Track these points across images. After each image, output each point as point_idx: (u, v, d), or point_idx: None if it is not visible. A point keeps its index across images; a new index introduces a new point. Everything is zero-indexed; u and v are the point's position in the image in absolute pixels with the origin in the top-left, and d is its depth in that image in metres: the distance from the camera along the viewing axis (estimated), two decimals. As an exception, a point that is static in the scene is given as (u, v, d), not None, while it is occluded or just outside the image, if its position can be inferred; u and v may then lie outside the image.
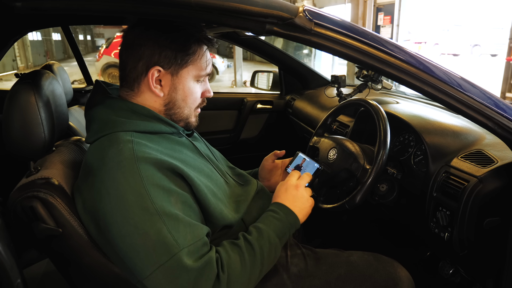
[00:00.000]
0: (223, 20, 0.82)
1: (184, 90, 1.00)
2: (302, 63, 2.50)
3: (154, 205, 0.82)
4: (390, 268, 1.13)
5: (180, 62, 0.96)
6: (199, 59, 0.99)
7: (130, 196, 0.83)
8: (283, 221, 1.00)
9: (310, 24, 0.85)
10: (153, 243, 0.81)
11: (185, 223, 0.85)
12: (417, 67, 0.92)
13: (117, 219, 0.83)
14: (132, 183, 0.83)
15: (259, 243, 0.93)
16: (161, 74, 0.96)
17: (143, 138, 0.92)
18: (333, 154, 1.35)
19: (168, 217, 0.83)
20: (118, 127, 0.93)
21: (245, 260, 0.90)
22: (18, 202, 0.90)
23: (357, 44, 0.88)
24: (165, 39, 0.94)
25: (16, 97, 0.91)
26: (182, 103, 1.01)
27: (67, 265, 0.98)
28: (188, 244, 0.83)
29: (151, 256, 0.81)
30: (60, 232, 0.90)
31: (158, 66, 0.95)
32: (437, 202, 1.18)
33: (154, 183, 0.84)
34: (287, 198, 1.05)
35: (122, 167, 0.85)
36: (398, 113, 1.44)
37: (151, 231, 0.81)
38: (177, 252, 0.81)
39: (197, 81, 1.02)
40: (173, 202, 0.85)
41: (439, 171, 1.20)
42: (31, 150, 0.94)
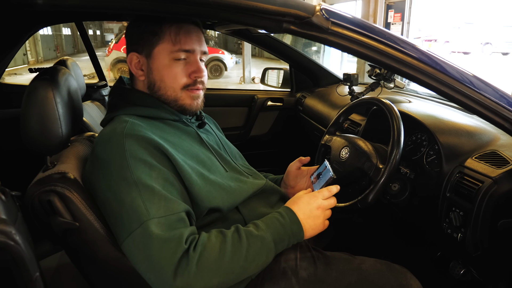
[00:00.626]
0: (241, 18, 0.82)
1: (159, 70, 1.03)
2: (313, 61, 2.50)
3: (133, 176, 0.87)
4: (402, 280, 1.10)
5: (148, 42, 1.02)
6: (167, 36, 1.01)
7: (113, 167, 0.90)
8: (286, 227, 0.96)
9: (327, 23, 0.86)
10: (127, 210, 0.86)
11: (161, 196, 0.87)
12: (433, 66, 0.91)
13: (101, 186, 0.91)
14: (117, 154, 0.90)
15: (249, 239, 0.90)
16: (141, 60, 1.04)
17: (143, 121, 0.99)
18: (346, 153, 1.35)
19: (144, 188, 0.87)
20: (121, 110, 1.03)
21: (225, 250, 0.87)
22: (36, 196, 0.92)
23: (374, 43, 0.88)
24: (133, 26, 1.04)
25: (34, 93, 0.92)
26: (161, 83, 1.04)
27: (83, 259, 1.00)
28: (159, 215, 0.85)
29: (125, 222, 0.86)
30: (77, 226, 0.92)
31: (134, 52, 1.04)
32: (451, 202, 1.17)
33: (137, 157, 0.90)
34: (304, 210, 1.00)
35: (111, 141, 0.93)
36: (411, 112, 1.43)
37: (127, 199, 0.86)
38: (146, 220, 0.84)
39: (172, 60, 1.02)
40: (154, 177, 0.89)
41: (453, 172, 1.19)
42: (48, 145, 0.96)
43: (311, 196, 1.03)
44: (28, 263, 0.72)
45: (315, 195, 1.03)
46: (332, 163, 1.40)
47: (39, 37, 17.25)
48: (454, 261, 1.41)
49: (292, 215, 0.98)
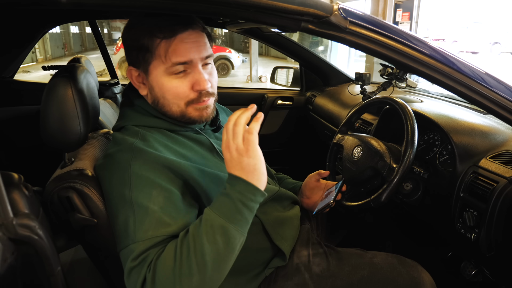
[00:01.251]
0: (259, 17, 0.83)
1: (159, 87, 0.96)
2: (324, 60, 2.49)
3: (131, 193, 0.85)
4: (414, 273, 1.12)
5: (142, 59, 0.95)
6: (158, 52, 0.92)
7: (114, 180, 0.89)
8: (226, 194, 0.82)
9: (345, 23, 0.86)
10: (120, 227, 0.86)
11: (153, 218, 0.83)
12: (450, 66, 0.92)
13: (106, 197, 0.92)
14: (120, 169, 0.88)
15: (195, 231, 0.80)
16: (140, 74, 0.98)
17: (154, 133, 0.97)
18: (358, 152, 1.35)
19: (139, 208, 0.84)
20: (131, 120, 1.00)
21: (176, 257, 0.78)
22: (55, 193, 0.93)
23: (392, 42, 0.89)
24: (128, 39, 0.96)
25: (54, 90, 0.94)
26: (164, 100, 0.97)
27: (100, 254, 1.01)
28: (143, 238, 0.81)
29: (119, 238, 0.87)
30: (95, 222, 0.93)
31: (131, 66, 0.99)
32: (464, 202, 1.17)
33: (139, 174, 0.87)
34: (227, 166, 0.85)
35: (118, 153, 0.92)
36: (424, 111, 1.43)
37: (121, 216, 0.86)
38: (129, 244, 0.83)
39: (170, 75, 0.94)
40: (153, 195, 0.85)
41: (467, 172, 1.19)
42: (67, 142, 0.97)
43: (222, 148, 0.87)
44: (51, 257, 0.73)
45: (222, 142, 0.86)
46: (344, 162, 1.40)
47: (48, 35, 17.36)
48: (465, 261, 1.40)
49: (228, 179, 0.84)
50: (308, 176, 1.34)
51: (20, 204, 0.72)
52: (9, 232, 0.66)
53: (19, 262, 0.69)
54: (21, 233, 0.67)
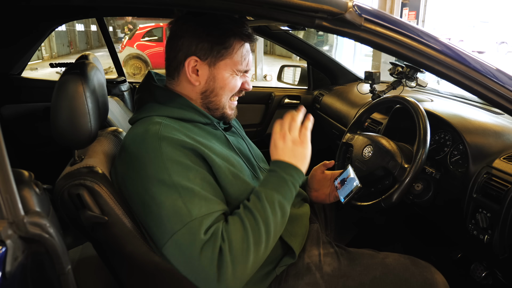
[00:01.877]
0: (273, 14, 0.82)
1: (222, 80, 1.03)
2: (332, 58, 2.48)
3: (171, 178, 0.87)
4: (427, 274, 1.10)
5: (216, 54, 1.01)
6: (234, 53, 1.02)
7: (149, 169, 0.89)
8: (280, 175, 0.95)
9: (360, 20, 0.85)
10: (168, 212, 0.86)
11: (201, 196, 0.88)
12: (466, 64, 0.90)
13: (138, 189, 0.90)
14: (153, 157, 0.89)
15: (256, 206, 0.91)
16: (198, 64, 1.02)
17: (175, 123, 0.98)
18: (369, 151, 1.34)
19: (184, 190, 0.87)
20: (154, 111, 1.01)
21: (245, 226, 0.87)
22: (65, 190, 0.92)
23: (407, 40, 0.87)
24: (202, 32, 0.99)
25: (64, 87, 0.93)
26: (220, 91, 1.04)
27: (109, 252, 1.00)
28: (201, 214, 0.85)
29: (166, 225, 0.86)
30: (106, 220, 0.92)
31: (195, 57, 1.01)
32: (477, 203, 1.15)
33: (173, 159, 0.89)
34: (278, 153, 0.98)
35: (145, 143, 0.92)
36: (436, 111, 1.41)
37: (167, 202, 0.86)
38: (189, 221, 0.84)
39: (234, 73, 1.04)
40: (191, 178, 0.89)
41: (480, 172, 1.17)
42: (77, 139, 0.96)
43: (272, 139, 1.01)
44: (62, 255, 0.72)
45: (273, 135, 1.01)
46: (354, 161, 1.39)
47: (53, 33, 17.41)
48: (475, 263, 1.39)
49: (278, 163, 0.97)
50: (313, 169, 1.33)
51: (31, 202, 0.71)
52: (20, 231, 0.65)
53: (29, 260, 0.69)
54: (32, 231, 0.66)
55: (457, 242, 1.50)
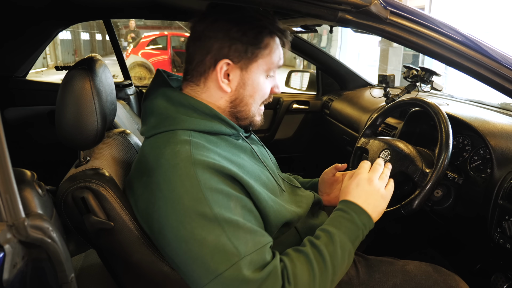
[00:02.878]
0: (295, 6, 0.77)
1: (253, 86, 0.92)
2: (342, 63, 2.43)
3: (212, 211, 0.76)
4: (452, 282, 1.04)
5: (250, 55, 0.89)
6: (271, 52, 0.92)
7: (186, 201, 0.77)
8: (355, 222, 0.87)
9: (385, 13, 0.80)
10: (211, 250, 0.75)
11: (246, 230, 0.78)
12: (500, 62, 0.85)
13: (173, 224, 0.78)
14: (189, 186, 0.78)
15: (328, 249, 0.82)
16: (229, 68, 0.89)
17: (202, 138, 0.87)
18: (386, 156, 1.28)
19: (227, 223, 0.76)
20: (178, 124, 0.88)
21: (314, 269, 0.79)
22: (69, 193, 0.87)
23: (435, 35, 0.82)
24: (236, 31, 0.87)
25: (71, 83, 0.88)
26: (250, 99, 0.93)
27: (115, 260, 0.94)
28: (249, 252, 0.76)
29: (209, 264, 0.75)
30: (112, 226, 0.86)
31: (227, 59, 0.88)
32: (503, 210, 1.09)
33: (212, 187, 0.78)
34: (359, 195, 0.91)
35: (178, 170, 0.79)
36: (456, 114, 1.36)
37: (209, 238, 0.75)
38: (237, 261, 0.74)
39: (266, 76, 0.94)
40: (232, 207, 0.79)
41: (506, 177, 1.11)
42: (83, 139, 0.91)
43: (354, 177, 0.96)
44: (65, 263, 0.67)
45: (358, 173, 0.96)
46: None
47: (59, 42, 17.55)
48: (496, 274, 1.32)
49: (354, 207, 0.90)
50: (324, 172, 1.23)
51: (33, 204, 0.65)
52: (20, 234, 0.60)
53: (29, 267, 0.63)
54: (33, 235, 0.61)
55: (477, 252, 1.44)
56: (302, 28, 1.61)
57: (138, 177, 0.88)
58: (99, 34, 22.53)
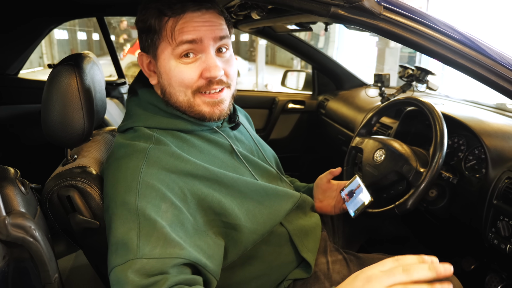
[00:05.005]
0: (287, 1, 0.75)
1: (166, 73, 0.87)
2: (337, 63, 2.42)
3: (136, 202, 0.74)
4: None
5: (150, 43, 0.87)
6: (165, 32, 0.84)
7: (120, 186, 0.78)
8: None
9: (379, 8, 0.78)
10: (117, 240, 0.73)
11: (161, 235, 0.73)
12: (495, 60, 0.83)
13: (106, 204, 0.81)
14: (129, 174, 0.78)
15: None
16: (151, 61, 0.90)
17: (167, 135, 0.86)
18: (380, 155, 1.26)
19: (145, 220, 0.73)
20: (145, 122, 0.89)
21: None
22: (55, 191, 0.85)
23: (430, 31, 0.80)
24: (139, 21, 0.88)
25: (57, 79, 0.86)
26: (170, 88, 0.87)
27: (102, 260, 0.92)
28: (150, 256, 0.70)
29: (112, 253, 0.73)
30: (98, 225, 0.84)
31: (143, 52, 0.91)
32: (498, 210, 1.08)
33: (150, 183, 0.76)
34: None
35: (129, 158, 0.81)
36: (451, 113, 1.34)
37: (121, 228, 0.73)
38: (131, 259, 0.70)
39: (178, 59, 0.85)
40: (162, 209, 0.75)
41: (500, 177, 1.10)
42: (69, 136, 0.89)
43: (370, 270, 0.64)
44: (48, 263, 0.65)
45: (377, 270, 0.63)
46: (365, 166, 1.32)
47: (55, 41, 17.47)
48: (491, 274, 1.31)
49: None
50: (318, 178, 1.21)
51: (14, 202, 0.64)
52: (0, 233, 0.58)
53: (11, 267, 0.62)
54: (14, 234, 0.59)
55: (471, 252, 1.42)
56: (297, 26, 1.60)
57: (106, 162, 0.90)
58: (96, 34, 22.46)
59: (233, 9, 1.55)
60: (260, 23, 1.72)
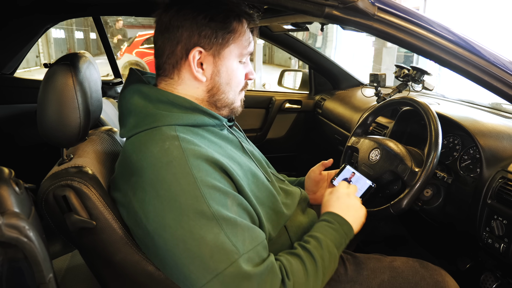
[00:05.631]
0: (281, 1, 0.76)
1: (227, 73, 0.90)
2: (334, 63, 2.43)
3: (210, 208, 0.75)
4: (438, 277, 1.04)
5: (221, 41, 0.87)
6: (241, 36, 0.90)
7: (183, 199, 0.76)
8: (338, 230, 0.93)
9: (373, 9, 0.78)
10: (210, 249, 0.74)
11: (243, 227, 0.79)
12: (487, 60, 0.84)
13: (170, 223, 0.76)
14: (185, 184, 0.76)
15: (319, 252, 0.87)
16: (202, 56, 0.87)
17: (188, 132, 0.84)
18: (376, 155, 1.27)
19: (225, 221, 0.76)
20: (160, 121, 0.85)
21: (307, 270, 0.83)
22: (50, 191, 0.85)
23: (424, 32, 0.81)
24: (203, 17, 0.85)
25: (53, 79, 0.86)
26: (227, 87, 0.92)
27: (98, 260, 0.92)
28: (247, 249, 0.77)
29: (208, 263, 0.74)
30: (94, 225, 0.84)
31: (199, 47, 0.86)
32: (492, 210, 1.09)
33: (209, 184, 0.77)
34: (340, 207, 0.98)
35: (172, 167, 0.77)
36: (446, 113, 1.35)
37: (208, 236, 0.75)
38: (237, 259, 0.74)
39: (239, 62, 0.92)
40: (229, 205, 0.79)
41: (495, 177, 1.11)
42: (65, 136, 0.89)
43: (334, 192, 1.03)
44: (42, 263, 0.65)
45: (338, 189, 1.04)
46: (360, 166, 1.32)
47: (52, 40, 17.42)
48: (486, 273, 1.32)
49: (337, 217, 0.96)
50: (311, 170, 1.24)
51: (8, 202, 0.63)
52: (-6, 233, 0.58)
53: (5, 268, 0.62)
54: (8, 234, 0.59)
55: (467, 251, 1.43)
56: (292, 26, 1.60)
57: (125, 179, 0.85)
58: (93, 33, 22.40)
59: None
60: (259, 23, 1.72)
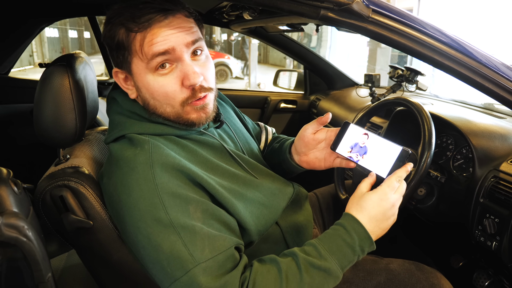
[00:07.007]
0: (277, 3, 0.77)
1: (145, 87, 0.83)
2: (329, 63, 2.44)
3: (168, 216, 0.75)
4: (433, 279, 1.05)
5: (122, 59, 0.83)
6: (136, 47, 0.80)
7: (142, 205, 0.76)
8: (354, 247, 0.80)
9: (367, 11, 0.80)
10: (167, 256, 0.74)
11: (203, 235, 0.76)
12: (479, 61, 0.85)
13: (130, 229, 0.78)
14: (145, 190, 0.76)
15: (310, 272, 0.77)
16: (127, 76, 0.86)
17: (160, 139, 0.84)
18: (370, 154, 1.28)
19: (183, 229, 0.75)
20: (133, 129, 0.86)
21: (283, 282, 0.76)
22: (47, 191, 0.86)
23: (417, 34, 0.82)
24: (106, 37, 0.84)
25: (49, 80, 0.86)
26: (155, 101, 0.84)
27: (95, 260, 0.93)
28: (205, 259, 0.74)
29: (166, 270, 0.74)
30: (91, 225, 0.85)
31: (117, 68, 0.87)
32: (484, 208, 1.10)
33: (170, 192, 0.77)
34: (375, 216, 0.82)
35: (135, 173, 0.78)
36: (440, 113, 1.37)
37: (164, 244, 0.74)
38: (191, 268, 0.73)
39: (154, 72, 0.81)
40: (191, 212, 0.77)
41: (487, 176, 1.13)
42: (61, 137, 0.90)
43: (382, 194, 0.82)
44: (41, 262, 0.66)
45: (387, 192, 0.83)
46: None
47: (46, 39, 17.31)
48: (478, 271, 1.34)
49: (360, 230, 0.80)
50: (302, 128, 1.02)
51: (7, 202, 0.64)
52: (-7, 233, 0.59)
53: (4, 267, 0.63)
54: (7, 234, 0.60)
55: (460, 249, 1.45)
56: (288, 27, 1.61)
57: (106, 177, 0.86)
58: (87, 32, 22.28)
59: (225, 9, 1.56)
60: (252, 24, 1.73)
